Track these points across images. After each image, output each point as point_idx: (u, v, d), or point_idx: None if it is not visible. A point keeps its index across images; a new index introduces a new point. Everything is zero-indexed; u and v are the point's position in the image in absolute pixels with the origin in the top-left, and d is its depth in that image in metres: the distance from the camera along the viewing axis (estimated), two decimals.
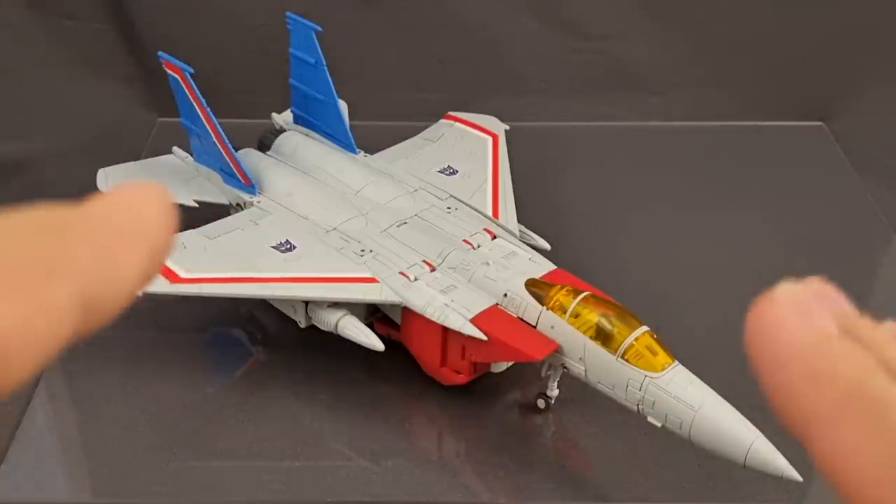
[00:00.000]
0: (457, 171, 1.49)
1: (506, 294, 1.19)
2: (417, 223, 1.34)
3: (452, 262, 1.25)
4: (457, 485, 1.17)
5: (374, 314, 1.28)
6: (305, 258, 1.28)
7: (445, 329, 1.18)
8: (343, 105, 1.57)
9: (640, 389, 1.06)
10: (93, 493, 1.20)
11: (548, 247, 1.37)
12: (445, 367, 1.23)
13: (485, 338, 1.15)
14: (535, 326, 1.15)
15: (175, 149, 1.55)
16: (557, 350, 1.13)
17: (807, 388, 0.25)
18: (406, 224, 1.34)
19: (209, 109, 1.39)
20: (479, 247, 1.29)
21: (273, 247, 1.29)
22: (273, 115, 1.62)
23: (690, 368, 1.07)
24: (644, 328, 1.10)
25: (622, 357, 1.08)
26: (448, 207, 1.38)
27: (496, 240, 1.31)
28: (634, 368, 1.07)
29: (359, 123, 1.61)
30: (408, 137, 1.61)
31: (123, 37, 1.83)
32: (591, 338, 1.10)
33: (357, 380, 1.29)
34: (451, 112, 1.67)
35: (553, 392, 1.21)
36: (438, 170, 1.49)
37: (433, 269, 1.24)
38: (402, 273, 1.23)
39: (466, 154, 1.55)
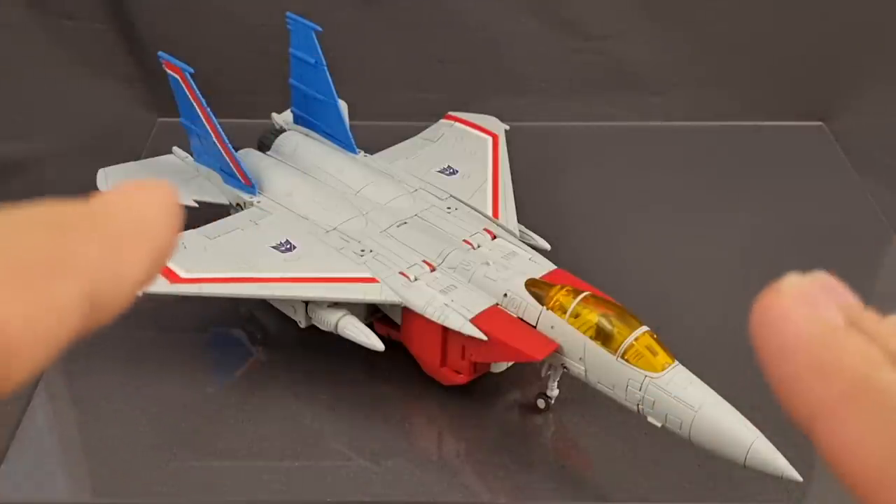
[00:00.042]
0: (457, 171, 1.49)
1: (506, 294, 1.19)
2: (417, 223, 1.34)
3: (452, 262, 1.25)
4: (457, 485, 1.16)
5: (374, 314, 1.28)
6: (305, 258, 1.28)
7: (445, 329, 1.18)
8: (343, 105, 1.57)
9: (640, 389, 1.06)
10: (93, 493, 1.20)
11: (548, 247, 1.37)
12: (445, 367, 1.23)
13: (485, 338, 1.15)
14: (535, 326, 1.15)
15: (175, 149, 1.55)
16: (557, 350, 1.13)
17: (813, 380, 0.25)
18: (406, 224, 1.34)
19: (209, 109, 1.39)
20: (479, 247, 1.29)
21: (273, 247, 1.29)
22: (273, 115, 1.62)
23: (690, 368, 1.07)
24: (644, 328, 1.10)
25: (622, 357, 1.08)
26: (448, 207, 1.38)
27: (496, 240, 1.31)
28: (634, 368, 1.07)
29: (359, 123, 1.60)
30: (408, 137, 1.61)
31: (123, 37, 1.83)
32: (591, 338, 1.10)
33: (357, 380, 1.29)
34: (451, 112, 1.66)
35: (553, 392, 1.21)
36: (438, 170, 1.49)
37: (433, 269, 1.24)
38: (402, 273, 1.23)
39: (466, 154, 1.55)
